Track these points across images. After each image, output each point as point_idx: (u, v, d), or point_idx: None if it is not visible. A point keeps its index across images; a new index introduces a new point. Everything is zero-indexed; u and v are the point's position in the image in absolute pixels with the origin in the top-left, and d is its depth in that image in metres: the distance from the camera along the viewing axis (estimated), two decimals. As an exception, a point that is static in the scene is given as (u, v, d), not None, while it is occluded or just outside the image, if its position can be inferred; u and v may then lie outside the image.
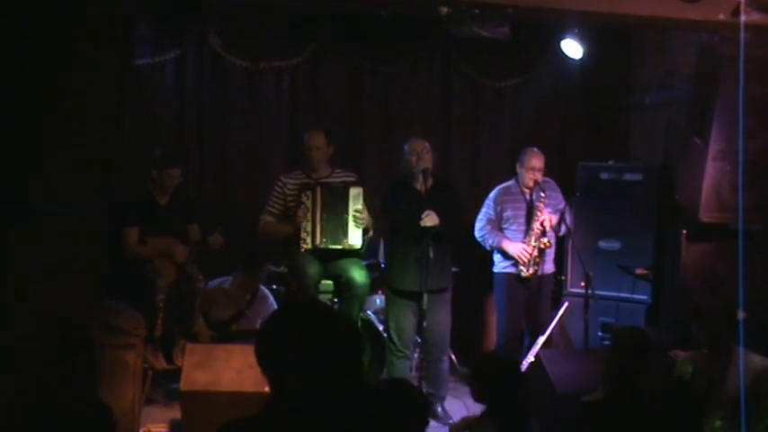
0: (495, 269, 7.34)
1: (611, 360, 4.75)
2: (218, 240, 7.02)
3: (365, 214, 6.87)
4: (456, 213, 6.79)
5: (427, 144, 6.85)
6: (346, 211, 6.85)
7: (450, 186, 7.08)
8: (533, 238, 7.09)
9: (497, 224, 7.27)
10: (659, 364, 5.22)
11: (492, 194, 7.38)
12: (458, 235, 6.88)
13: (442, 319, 6.77)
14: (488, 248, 7.29)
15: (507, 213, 7.25)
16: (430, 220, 6.50)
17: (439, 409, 6.79)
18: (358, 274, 6.75)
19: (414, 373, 7.08)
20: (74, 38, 5.14)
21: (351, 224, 6.85)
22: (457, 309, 7.03)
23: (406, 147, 6.86)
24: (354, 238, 6.87)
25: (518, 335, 7.29)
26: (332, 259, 6.86)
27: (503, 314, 7.33)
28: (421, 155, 6.74)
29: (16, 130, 5.07)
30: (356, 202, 6.87)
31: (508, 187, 7.35)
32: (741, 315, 6.02)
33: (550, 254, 7.31)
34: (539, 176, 7.16)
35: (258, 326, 6.99)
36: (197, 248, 7.03)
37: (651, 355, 4.76)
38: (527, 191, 7.23)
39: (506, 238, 7.19)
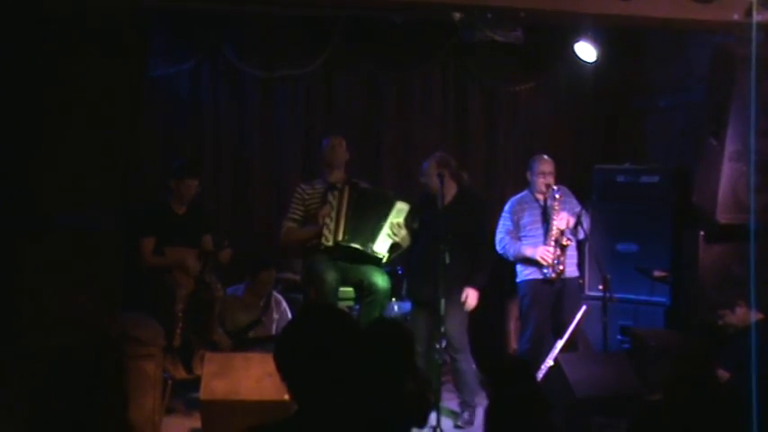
0: (519, 278, 7.30)
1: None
2: (227, 254, 7.07)
3: (403, 231, 6.79)
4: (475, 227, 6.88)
5: (436, 156, 6.89)
6: (384, 219, 6.75)
7: (477, 202, 7.13)
8: (554, 239, 7.08)
9: (515, 234, 7.25)
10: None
11: (507, 206, 7.36)
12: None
13: (456, 320, 6.77)
14: (511, 259, 7.26)
15: (524, 221, 7.23)
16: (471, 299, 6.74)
17: (465, 415, 6.77)
18: (380, 279, 6.72)
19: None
20: (87, 50, 5.18)
21: (383, 233, 6.74)
22: (474, 318, 7.00)
23: None
24: (381, 246, 6.76)
25: (542, 340, 7.25)
26: (352, 265, 6.80)
27: (528, 321, 7.28)
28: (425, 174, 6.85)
29: (30, 144, 5.11)
30: (398, 216, 6.79)
31: (522, 197, 7.35)
32: (756, 317, 6.03)
33: (573, 257, 7.28)
34: (550, 180, 7.15)
35: (275, 331, 7.09)
36: (210, 260, 7.04)
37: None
38: (541, 197, 7.22)
39: (526, 244, 7.17)
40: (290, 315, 7.33)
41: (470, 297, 6.74)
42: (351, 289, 6.96)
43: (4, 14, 5.09)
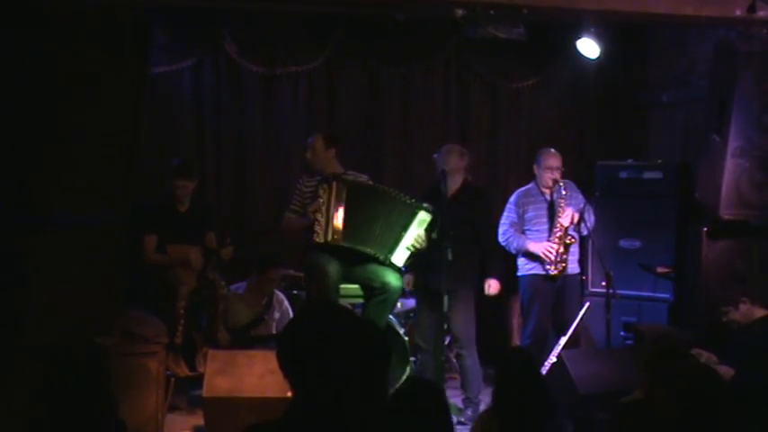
0: (520, 272, 7.28)
1: (644, 364, 4.65)
2: (229, 252, 7.07)
3: (425, 242, 6.47)
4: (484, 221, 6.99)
5: (449, 148, 6.96)
6: (405, 230, 6.43)
7: (481, 192, 7.17)
8: (558, 236, 7.06)
9: (520, 227, 7.23)
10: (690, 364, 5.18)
11: (512, 198, 7.34)
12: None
13: (461, 315, 6.77)
14: (513, 252, 7.23)
15: (529, 215, 7.21)
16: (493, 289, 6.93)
17: (468, 411, 6.76)
18: (393, 278, 6.47)
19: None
20: (90, 48, 5.17)
21: (403, 244, 6.44)
22: (478, 314, 7.00)
23: None
24: (399, 258, 6.46)
25: (544, 336, 7.24)
26: (359, 263, 6.52)
27: (530, 316, 7.27)
28: (443, 158, 6.83)
29: (34, 142, 5.11)
30: (420, 226, 6.46)
31: (528, 190, 7.32)
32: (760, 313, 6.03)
33: (575, 254, 7.26)
34: (557, 175, 7.13)
35: (276, 330, 7.07)
36: (213, 257, 7.02)
37: (684, 356, 4.69)
38: (547, 191, 7.20)
39: (530, 239, 7.15)
40: (291, 314, 7.31)
41: (493, 287, 6.91)
42: (356, 286, 6.86)
43: (6, 15, 5.09)
